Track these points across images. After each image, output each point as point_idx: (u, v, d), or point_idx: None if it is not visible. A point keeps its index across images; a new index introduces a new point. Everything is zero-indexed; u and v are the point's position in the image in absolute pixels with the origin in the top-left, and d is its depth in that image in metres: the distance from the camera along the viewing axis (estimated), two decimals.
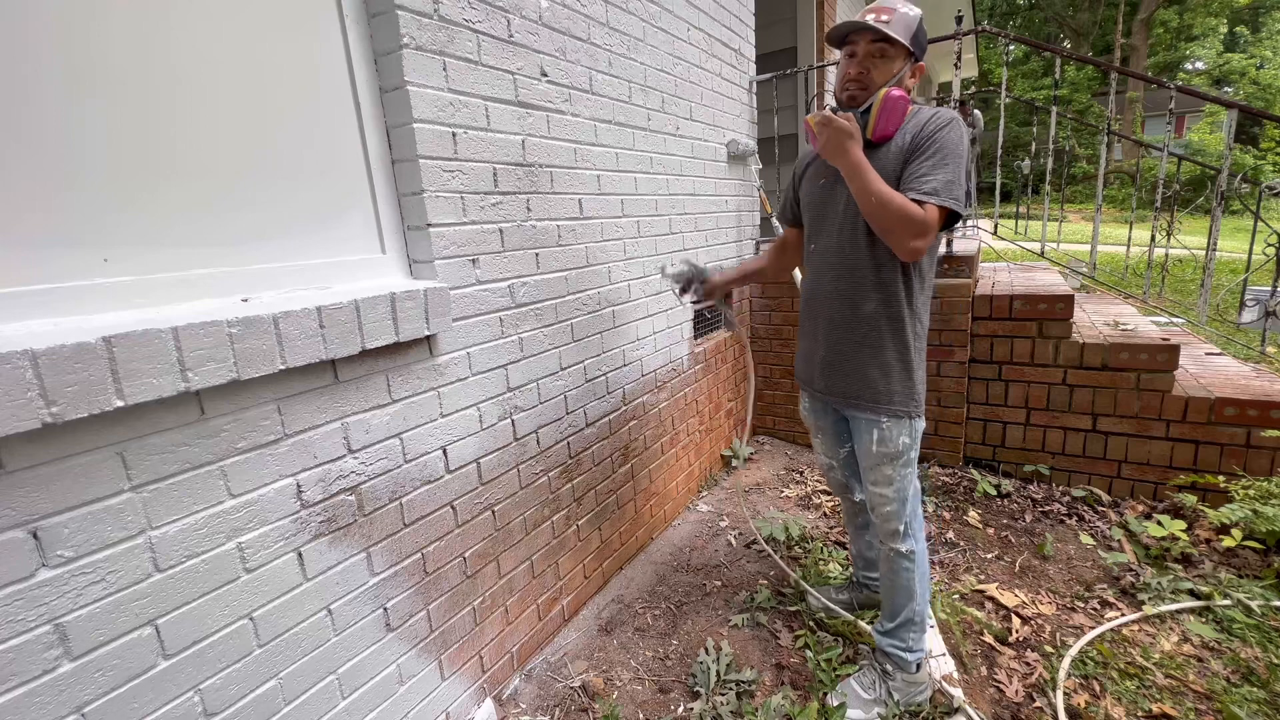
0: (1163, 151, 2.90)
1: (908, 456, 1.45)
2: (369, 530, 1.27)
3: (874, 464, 1.47)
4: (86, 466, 0.85)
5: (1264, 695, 1.50)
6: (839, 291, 1.45)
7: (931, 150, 1.28)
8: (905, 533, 1.50)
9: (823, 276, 1.48)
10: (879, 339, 1.41)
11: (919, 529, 1.52)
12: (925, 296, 1.43)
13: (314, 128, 1.20)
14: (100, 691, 0.88)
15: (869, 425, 1.45)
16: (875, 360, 1.42)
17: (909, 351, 1.41)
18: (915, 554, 1.50)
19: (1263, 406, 2.17)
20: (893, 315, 1.40)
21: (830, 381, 1.51)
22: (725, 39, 2.71)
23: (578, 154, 1.80)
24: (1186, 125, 20.69)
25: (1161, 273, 3.29)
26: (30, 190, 0.86)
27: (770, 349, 3.25)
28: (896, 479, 1.46)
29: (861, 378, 1.44)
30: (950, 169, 1.27)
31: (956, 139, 1.29)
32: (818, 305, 1.51)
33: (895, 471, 1.45)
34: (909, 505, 1.49)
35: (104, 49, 0.92)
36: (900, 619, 1.53)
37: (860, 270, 1.40)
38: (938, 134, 1.28)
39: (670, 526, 2.52)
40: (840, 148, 1.30)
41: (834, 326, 1.48)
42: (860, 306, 1.42)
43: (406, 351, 1.31)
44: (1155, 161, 3.80)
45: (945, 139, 1.28)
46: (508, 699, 1.67)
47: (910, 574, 1.51)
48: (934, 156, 1.28)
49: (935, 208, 1.27)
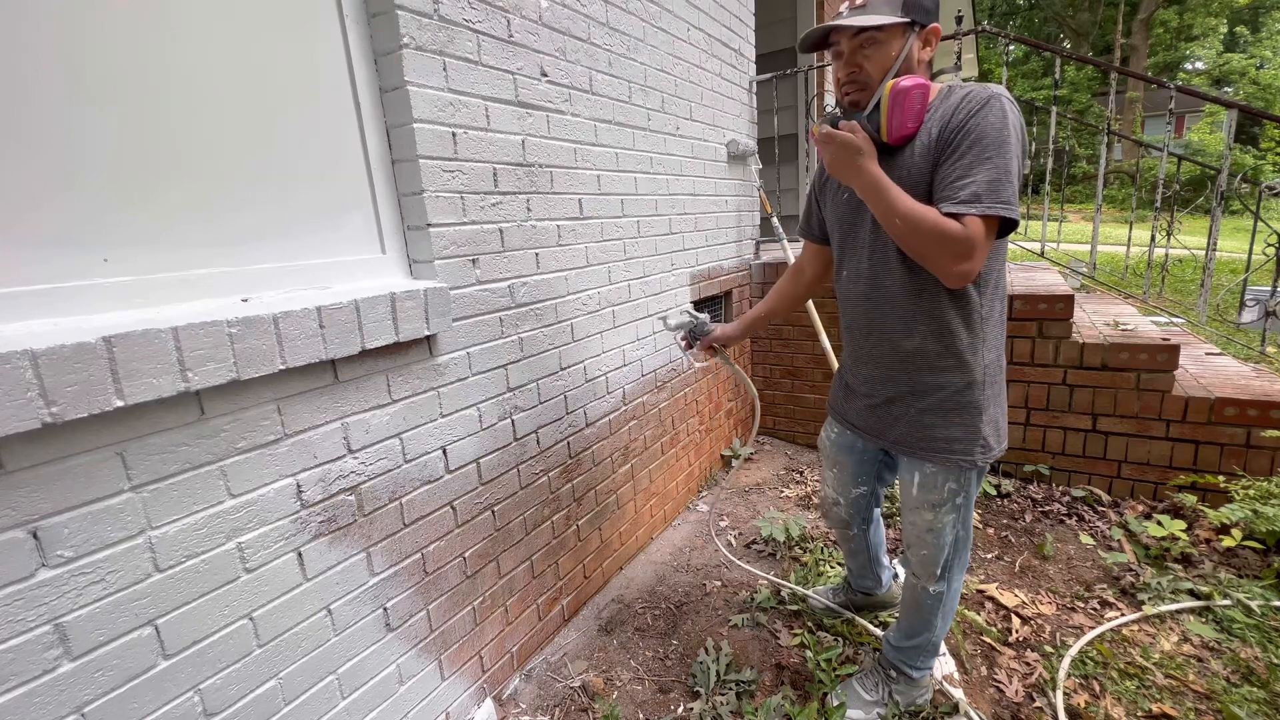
0: (1163, 151, 2.90)
1: (953, 504, 1.26)
2: (369, 530, 1.27)
3: (914, 506, 1.32)
4: (86, 466, 0.85)
5: (1264, 695, 1.50)
6: (874, 326, 1.24)
7: (965, 145, 1.03)
8: (942, 575, 1.35)
9: (856, 308, 1.28)
10: (931, 378, 1.20)
11: (958, 574, 1.37)
12: (993, 316, 1.18)
13: (314, 128, 1.20)
14: (100, 691, 0.88)
15: (910, 466, 1.29)
16: (928, 404, 1.21)
17: (974, 389, 1.18)
18: (945, 595, 1.38)
19: (1263, 406, 2.17)
20: (947, 349, 1.17)
21: (875, 423, 1.33)
22: (725, 39, 2.71)
23: (578, 154, 1.80)
24: (1186, 125, 20.69)
25: (1161, 273, 3.29)
26: (30, 190, 0.86)
27: (770, 349, 3.25)
28: (938, 525, 1.29)
29: (912, 423, 1.25)
30: (993, 164, 1.01)
31: (997, 123, 1.01)
32: (855, 340, 1.31)
33: (937, 518, 1.28)
34: (947, 552, 1.32)
35: (104, 49, 0.92)
36: (913, 642, 1.47)
37: (896, 300, 1.18)
38: (970, 121, 1.02)
39: (670, 526, 2.52)
40: (848, 166, 1.09)
41: (876, 365, 1.27)
42: (901, 343, 1.20)
43: (406, 351, 1.31)
44: (1155, 161, 3.80)
45: (981, 126, 1.02)
46: (508, 699, 1.67)
47: (934, 612, 1.40)
48: (969, 152, 1.02)
49: (978, 219, 1.01)
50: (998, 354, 1.21)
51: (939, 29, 1.11)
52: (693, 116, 2.46)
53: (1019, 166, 1.04)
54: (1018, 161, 1.03)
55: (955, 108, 1.06)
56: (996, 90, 1.05)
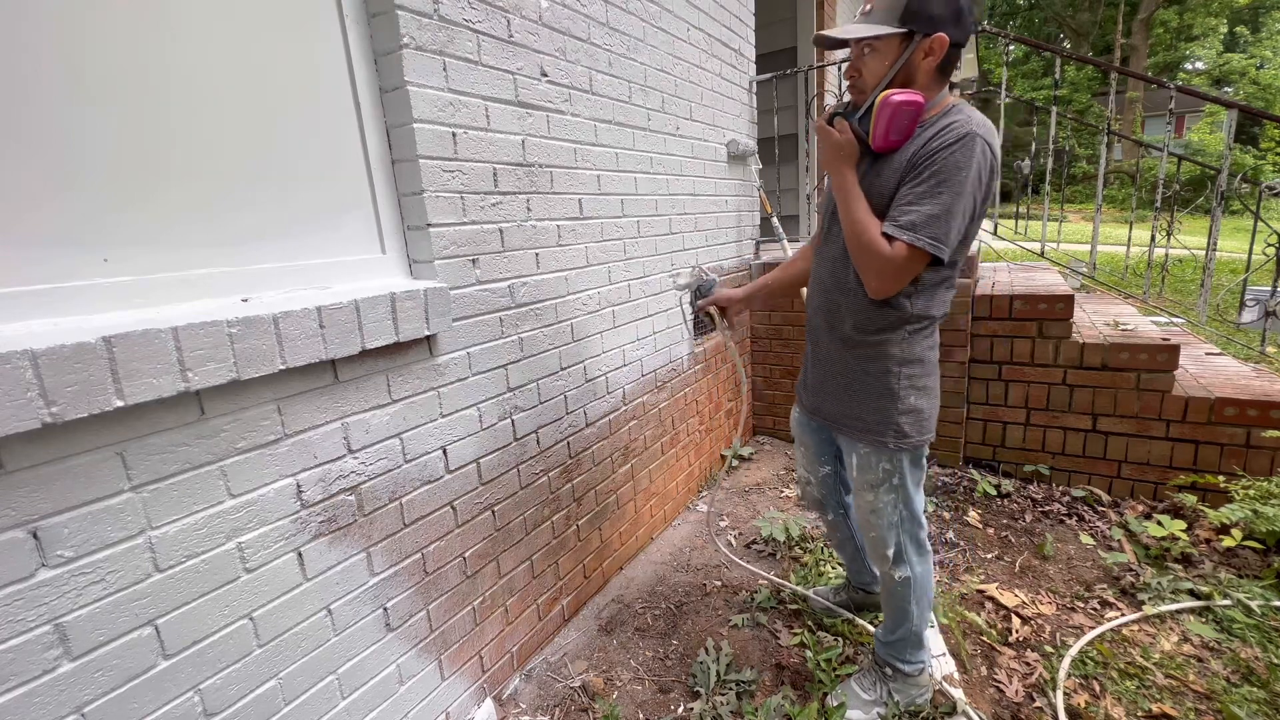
0: (1163, 151, 2.90)
1: (890, 484, 1.35)
2: (369, 530, 1.27)
3: (857, 488, 1.41)
4: (86, 466, 0.85)
5: (1264, 695, 1.50)
6: (825, 306, 1.35)
7: (925, 174, 1.09)
8: (897, 559, 1.41)
9: (815, 289, 1.40)
10: (856, 364, 1.32)
11: (916, 557, 1.43)
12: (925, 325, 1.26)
13: (314, 128, 1.20)
14: (100, 691, 0.88)
15: (849, 447, 1.40)
16: (853, 385, 1.34)
17: (890, 378, 1.28)
18: (911, 581, 1.42)
19: (1263, 406, 2.17)
20: (872, 339, 1.28)
21: (815, 400, 1.46)
22: (725, 39, 2.71)
23: (578, 154, 1.80)
24: (1186, 125, 20.69)
25: (1161, 273, 3.29)
26: (30, 190, 0.86)
27: (770, 349, 3.25)
28: (879, 505, 1.38)
29: (839, 401, 1.37)
30: (940, 200, 1.07)
31: (961, 162, 1.06)
32: (810, 318, 1.44)
33: (877, 498, 1.37)
34: (896, 536, 1.40)
35: (104, 49, 0.92)
36: (897, 635, 1.50)
37: (847, 288, 1.28)
38: (938, 154, 1.08)
39: (670, 526, 2.52)
40: (830, 162, 1.19)
41: (818, 344, 1.41)
42: (836, 327, 1.33)
43: (406, 351, 1.31)
44: (1155, 161, 3.80)
45: (944, 161, 1.07)
46: (508, 699, 1.67)
47: (905, 599, 1.44)
48: (925, 182, 1.09)
49: (905, 246, 1.09)
50: (925, 353, 1.29)
51: (944, 39, 1.10)
52: (693, 116, 2.46)
53: (972, 206, 1.11)
54: (971, 201, 1.10)
55: (934, 135, 1.11)
56: (977, 129, 1.09)
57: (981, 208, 1.14)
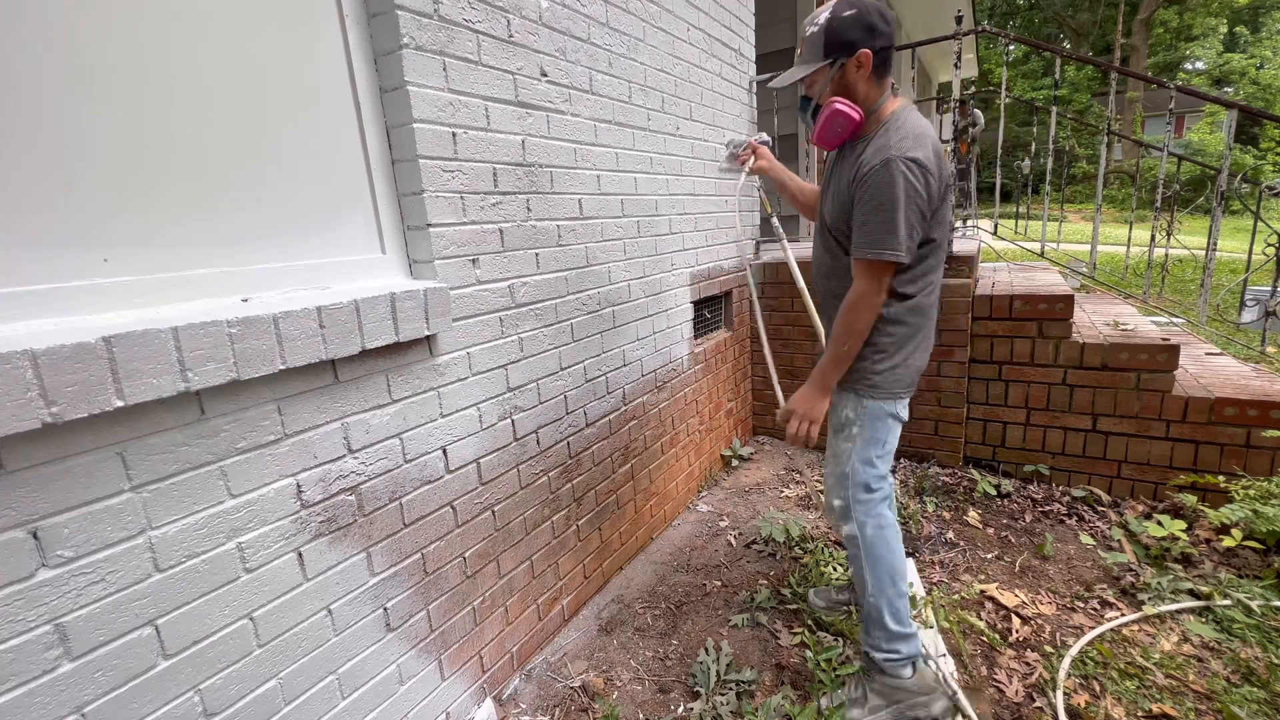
0: (1163, 151, 2.91)
1: (849, 432, 1.46)
2: (369, 530, 1.27)
3: (829, 433, 1.53)
4: (86, 466, 0.85)
5: (1264, 695, 1.50)
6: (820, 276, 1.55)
7: (862, 202, 1.29)
8: (845, 514, 1.50)
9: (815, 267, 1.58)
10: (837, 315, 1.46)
11: (866, 516, 1.48)
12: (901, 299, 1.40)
13: (314, 127, 1.20)
14: (100, 691, 0.88)
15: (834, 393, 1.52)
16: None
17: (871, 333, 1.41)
18: (860, 540, 1.48)
19: (1263, 406, 2.17)
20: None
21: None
22: (725, 39, 2.71)
23: (578, 154, 1.80)
24: (1186, 125, 20.69)
25: (1161, 273, 3.29)
26: (30, 190, 0.86)
27: (770, 349, 3.24)
28: (840, 452, 1.49)
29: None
30: (876, 222, 1.26)
31: (886, 186, 1.24)
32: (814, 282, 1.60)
33: (838, 444, 1.49)
34: (847, 485, 1.48)
35: (104, 48, 0.92)
36: (866, 614, 1.50)
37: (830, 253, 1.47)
38: (868, 181, 1.27)
39: (670, 526, 2.52)
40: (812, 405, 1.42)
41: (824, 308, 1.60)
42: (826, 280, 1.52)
43: (406, 351, 1.31)
44: (1155, 161, 3.80)
45: (874, 189, 1.26)
46: (508, 699, 1.67)
47: (858, 561, 1.49)
48: (863, 210, 1.29)
49: (864, 263, 1.30)
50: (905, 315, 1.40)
51: (868, 54, 1.29)
52: (693, 116, 2.46)
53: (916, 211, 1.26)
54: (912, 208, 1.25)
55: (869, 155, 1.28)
56: (895, 153, 1.24)
57: (931, 207, 1.28)
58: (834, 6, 1.31)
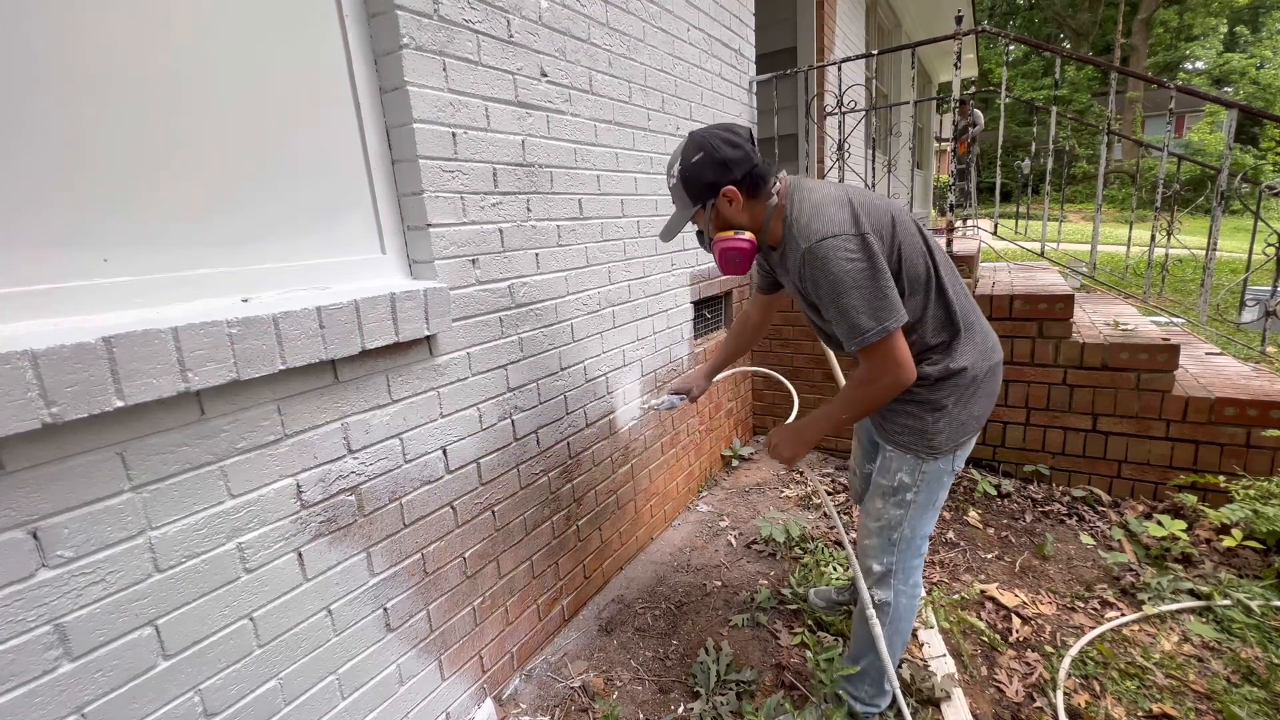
0: (1163, 151, 2.90)
1: (902, 497, 1.33)
2: (369, 530, 1.27)
3: (871, 493, 1.40)
4: (86, 467, 0.85)
5: (1264, 695, 1.50)
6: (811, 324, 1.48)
7: (823, 300, 1.19)
8: (883, 579, 1.38)
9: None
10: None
11: (904, 591, 1.38)
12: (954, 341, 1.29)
13: (314, 128, 1.20)
14: (100, 692, 0.88)
15: (881, 449, 1.39)
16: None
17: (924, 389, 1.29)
18: (890, 609, 1.38)
19: (1263, 406, 2.17)
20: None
21: None
22: (725, 39, 2.71)
23: (578, 154, 1.80)
24: (1186, 125, 20.69)
25: (1161, 272, 3.29)
26: (30, 190, 0.86)
27: (770, 349, 3.25)
28: (884, 515, 1.36)
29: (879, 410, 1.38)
30: (848, 306, 1.15)
31: (834, 272, 1.14)
32: None
33: (885, 506, 1.36)
34: (893, 552, 1.36)
35: (104, 49, 0.92)
36: (860, 666, 1.46)
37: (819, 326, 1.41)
38: (812, 282, 1.19)
39: (670, 526, 2.52)
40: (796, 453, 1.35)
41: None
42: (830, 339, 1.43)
43: (406, 352, 1.31)
44: (1155, 161, 3.80)
45: (818, 290, 1.19)
46: (508, 699, 1.67)
47: (878, 625, 1.37)
48: (829, 307, 1.18)
49: (871, 348, 1.17)
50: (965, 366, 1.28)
51: (733, 190, 1.24)
52: (693, 116, 2.46)
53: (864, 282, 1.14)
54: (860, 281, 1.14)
55: (794, 267, 1.23)
56: (801, 240, 1.18)
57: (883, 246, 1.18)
58: (681, 154, 1.25)
